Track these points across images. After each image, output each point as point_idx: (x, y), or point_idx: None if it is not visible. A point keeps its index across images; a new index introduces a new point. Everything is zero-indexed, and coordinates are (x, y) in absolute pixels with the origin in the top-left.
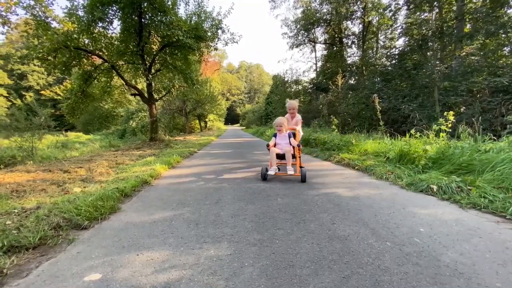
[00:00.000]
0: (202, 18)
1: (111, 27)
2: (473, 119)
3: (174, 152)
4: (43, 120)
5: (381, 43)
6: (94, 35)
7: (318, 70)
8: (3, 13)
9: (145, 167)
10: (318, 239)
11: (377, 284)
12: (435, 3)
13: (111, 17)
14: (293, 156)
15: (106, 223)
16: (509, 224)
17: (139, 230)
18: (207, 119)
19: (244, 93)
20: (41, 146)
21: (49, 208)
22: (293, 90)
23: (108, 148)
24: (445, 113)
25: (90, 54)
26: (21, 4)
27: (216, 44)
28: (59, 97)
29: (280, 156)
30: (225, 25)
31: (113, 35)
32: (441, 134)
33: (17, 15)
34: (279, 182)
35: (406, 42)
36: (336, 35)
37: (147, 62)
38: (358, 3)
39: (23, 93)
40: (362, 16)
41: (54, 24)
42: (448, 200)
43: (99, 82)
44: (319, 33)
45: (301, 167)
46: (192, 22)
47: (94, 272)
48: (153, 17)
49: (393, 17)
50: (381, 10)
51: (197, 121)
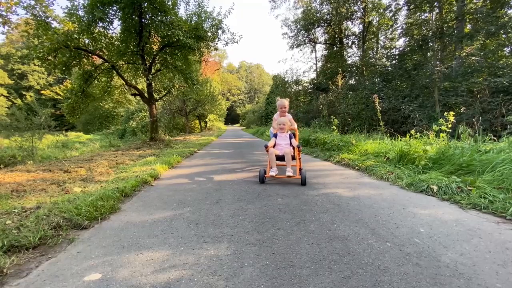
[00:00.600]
0: (203, 18)
1: (111, 27)
2: (473, 119)
3: (174, 152)
4: (43, 120)
5: (381, 43)
6: (94, 35)
7: (318, 70)
8: (4, 13)
9: (145, 167)
10: (318, 239)
11: (377, 285)
12: (435, 3)
13: (112, 17)
14: (293, 158)
15: (106, 223)
16: (509, 224)
17: (139, 230)
18: (207, 119)
19: (244, 93)
20: (41, 146)
21: (49, 208)
22: (293, 90)
23: (108, 148)
24: (445, 113)
25: (90, 54)
26: (21, 4)
27: (216, 44)
28: (59, 97)
29: (279, 158)
30: (225, 25)
31: (114, 35)
32: (441, 134)
33: (18, 15)
34: (279, 183)
35: (406, 43)
36: (336, 35)
37: (147, 62)
38: (359, 3)
39: (23, 92)
40: (363, 16)
41: (55, 24)
42: (448, 200)
43: (99, 82)
44: (319, 33)
45: (300, 169)
46: (192, 22)
47: (94, 272)
48: (153, 17)
49: (393, 18)
50: (381, 10)
51: (197, 121)
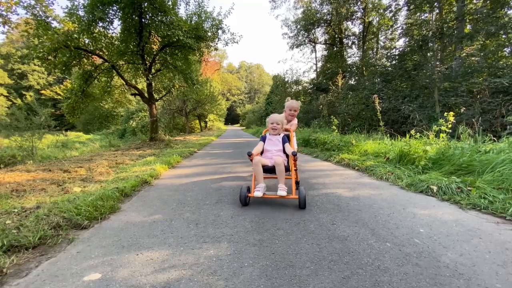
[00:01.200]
0: (203, 18)
1: (111, 27)
2: (473, 120)
3: (174, 152)
4: (43, 119)
5: (381, 43)
6: (94, 35)
7: (318, 70)
8: (4, 13)
9: (145, 167)
10: (318, 240)
11: (377, 285)
12: (435, 3)
13: (112, 17)
14: (286, 169)
15: (106, 223)
16: (509, 225)
17: (139, 230)
18: (207, 119)
19: (244, 93)
20: (41, 145)
21: (49, 208)
22: (293, 90)
23: (108, 148)
24: (445, 113)
25: (90, 54)
26: (21, 3)
27: (217, 44)
28: (59, 96)
29: (268, 170)
30: (226, 25)
31: (114, 35)
32: (441, 134)
33: (18, 14)
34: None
35: (406, 43)
36: (336, 36)
37: (147, 62)
38: (359, 3)
39: (23, 92)
40: (363, 17)
41: (55, 24)
42: (448, 200)
43: (99, 82)
44: (320, 33)
45: (297, 182)
46: (193, 22)
47: (94, 272)
48: (153, 17)
49: (393, 18)
50: (381, 11)
51: (197, 121)
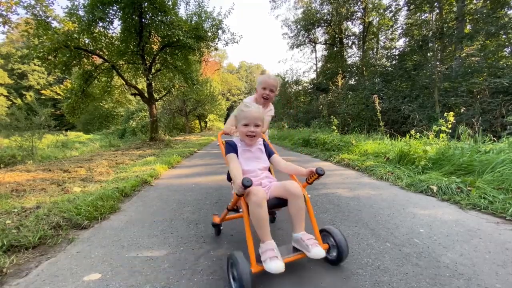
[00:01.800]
0: (203, 18)
1: (111, 27)
2: (473, 120)
3: (174, 152)
4: (43, 119)
5: (382, 43)
6: (94, 35)
7: (318, 70)
8: (4, 13)
9: (145, 167)
10: None
11: (377, 285)
12: (435, 3)
13: (112, 17)
14: (285, 204)
15: (106, 223)
16: (509, 225)
17: (139, 230)
18: (207, 119)
19: (244, 93)
20: (41, 145)
21: (49, 208)
22: (293, 90)
23: (108, 147)
24: (445, 113)
25: (90, 54)
26: (21, 3)
27: (217, 44)
28: (59, 96)
29: (269, 206)
30: (226, 25)
31: (114, 35)
32: (441, 134)
33: (18, 14)
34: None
35: (406, 43)
36: (336, 36)
37: (147, 62)
38: (359, 3)
39: (23, 92)
40: (363, 17)
41: (55, 24)
42: (448, 201)
43: (99, 81)
44: (320, 33)
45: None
46: (193, 22)
47: (94, 272)
48: (153, 17)
49: (393, 18)
50: (381, 11)
51: (197, 121)
